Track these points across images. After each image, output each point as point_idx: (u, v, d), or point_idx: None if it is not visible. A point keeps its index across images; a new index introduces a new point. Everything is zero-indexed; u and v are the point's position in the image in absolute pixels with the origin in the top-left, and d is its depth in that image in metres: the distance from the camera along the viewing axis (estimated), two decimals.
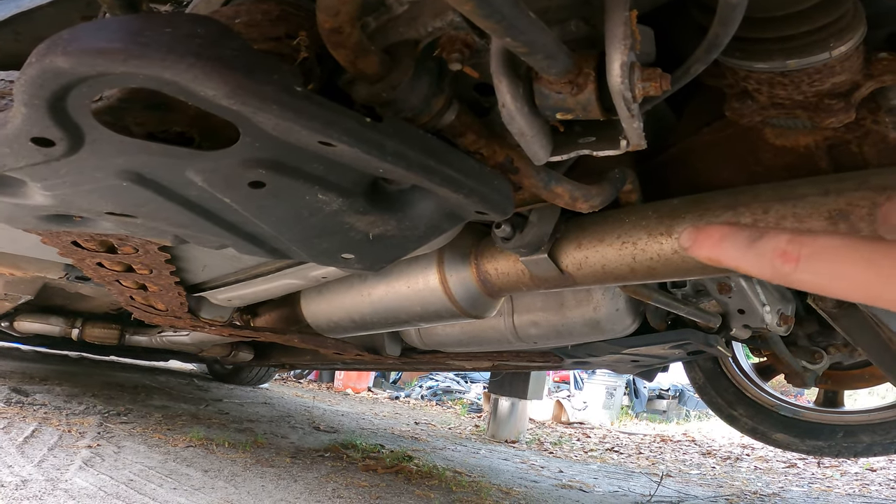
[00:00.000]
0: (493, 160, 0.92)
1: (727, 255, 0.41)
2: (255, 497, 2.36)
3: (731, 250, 0.41)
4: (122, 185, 0.79)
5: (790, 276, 0.38)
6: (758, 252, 0.40)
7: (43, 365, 5.38)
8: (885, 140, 1.01)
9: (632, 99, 0.69)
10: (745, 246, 0.40)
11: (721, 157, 1.19)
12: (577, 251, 1.26)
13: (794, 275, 0.38)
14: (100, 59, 0.53)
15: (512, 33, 0.57)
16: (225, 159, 0.74)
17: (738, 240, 0.41)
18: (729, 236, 0.41)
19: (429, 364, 2.94)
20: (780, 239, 0.39)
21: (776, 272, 0.39)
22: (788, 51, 0.82)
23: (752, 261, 0.40)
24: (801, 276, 0.38)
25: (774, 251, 0.39)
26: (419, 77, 0.75)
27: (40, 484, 2.11)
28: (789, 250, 0.38)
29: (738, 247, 0.41)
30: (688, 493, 3.73)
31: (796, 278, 0.38)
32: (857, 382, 2.59)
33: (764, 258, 0.39)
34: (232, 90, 0.55)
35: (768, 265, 0.39)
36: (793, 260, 0.38)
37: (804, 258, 0.37)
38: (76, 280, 2.21)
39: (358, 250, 1.05)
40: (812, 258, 0.37)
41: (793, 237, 0.39)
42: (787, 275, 0.38)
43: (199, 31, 0.55)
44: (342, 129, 0.64)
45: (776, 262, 0.39)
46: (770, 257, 0.39)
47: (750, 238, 0.40)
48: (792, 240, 0.38)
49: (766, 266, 0.39)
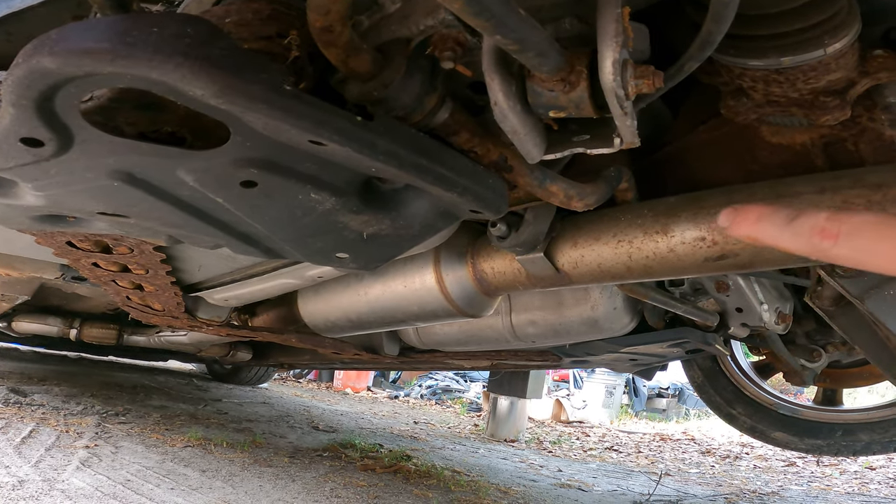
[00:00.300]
0: (487, 159, 0.91)
1: (766, 233, 0.43)
2: (253, 497, 2.36)
3: (769, 228, 0.43)
4: (114, 185, 0.78)
5: (829, 252, 0.40)
6: (796, 230, 0.42)
7: (42, 365, 5.38)
8: (881, 137, 1.00)
9: (624, 96, 0.68)
10: (784, 224, 0.42)
11: (717, 156, 1.19)
12: (573, 250, 1.26)
13: (832, 250, 0.40)
14: (86, 59, 0.53)
15: (502, 31, 0.57)
16: (216, 159, 0.73)
17: (776, 218, 0.43)
18: (767, 215, 0.43)
19: (427, 363, 2.94)
20: (818, 217, 0.41)
21: (815, 248, 0.41)
22: (783, 48, 0.82)
23: (790, 238, 0.42)
24: (839, 252, 0.40)
25: (813, 228, 0.41)
26: (411, 75, 0.75)
27: (37, 484, 2.11)
28: (828, 227, 0.40)
29: (776, 225, 0.43)
30: (687, 492, 3.73)
31: (835, 253, 0.40)
32: (855, 381, 2.59)
33: (802, 236, 0.41)
34: (220, 90, 0.55)
35: (806, 242, 0.41)
36: (832, 237, 0.40)
37: (843, 235, 0.39)
38: (72, 280, 2.21)
39: (352, 249, 1.05)
40: (851, 235, 0.39)
41: (831, 215, 0.40)
42: (826, 250, 0.40)
43: (187, 31, 0.55)
44: (332, 128, 0.64)
45: (815, 239, 0.40)
46: (809, 235, 0.41)
47: (788, 217, 0.42)
48: (831, 217, 0.40)
49: (805, 243, 0.41)
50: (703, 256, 1.09)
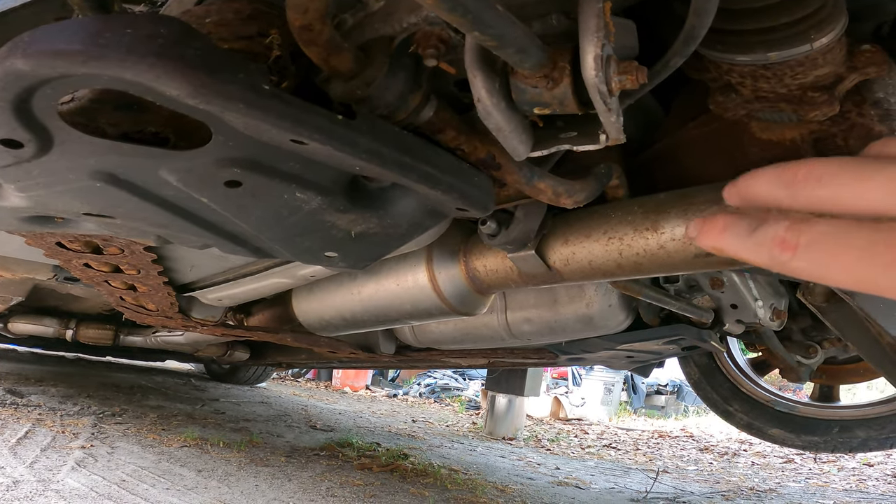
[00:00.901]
0: (474, 156, 0.91)
1: (729, 244, 0.40)
2: (249, 497, 2.36)
3: (732, 239, 0.40)
4: (97, 186, 0.78)
5: (787, 265, 0.37)
6: (757, 240, 0.38)
7: (39, 366, 5.37)
8: (870, 133, 1.00)
9: (607, 92, 0.68)
10: (746, 234, 0.39)
11: (708, 152, 1.18)
12: (564, 247, 1.25)
13: (791, 263, 0.36)
14: (59, 60, 0.52)
15: (479, 27, 0.56)
16: (198, 159, 0.73)
17: (739, 228, 0.39)
18: (731, 225, 0.40)
19: (424, 362, 2.94)
20: (779, 226, 0.37)
21: (774, 261, 0.37)
22: (769, 43, 0.81)
23: (751, 249, 0.39)
24: (797, 265, 0.36)
25: (773, 239, 0.37)
26: (394, 74, 0.74)
27: (31, 485, 2.10)
28: (787, 238, 0.36)
29: (739, 235, 0.39)
30: (684, 490, 3.73)
31: (793, 266, 0.36)
32: (852, 377, 2.58)
33: (763, 246, 0.38)
34: (195, 89, 0.54)
35: (767, 253, 0.38)
36: (791, 248, 0.36)
37: (802, 246, 0.36)
38: (65, 281, 2.21)
39: (341, 248, 1.04)
40: (810, 246, 0.36)
41: (792, 223, 0.37)
42: (785, 263, 0.37)
43: (160, 32, 0.54)
44: (313, 127, 0.64)
45: (774, 250, 0.37)
46: (769, 245, 0.37)
47: (750, 226, 0.39)
48: (790, 227, 0.37)
49: (765, 254, 0.38)
50: (692, 253, 1.09)
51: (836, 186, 0.37)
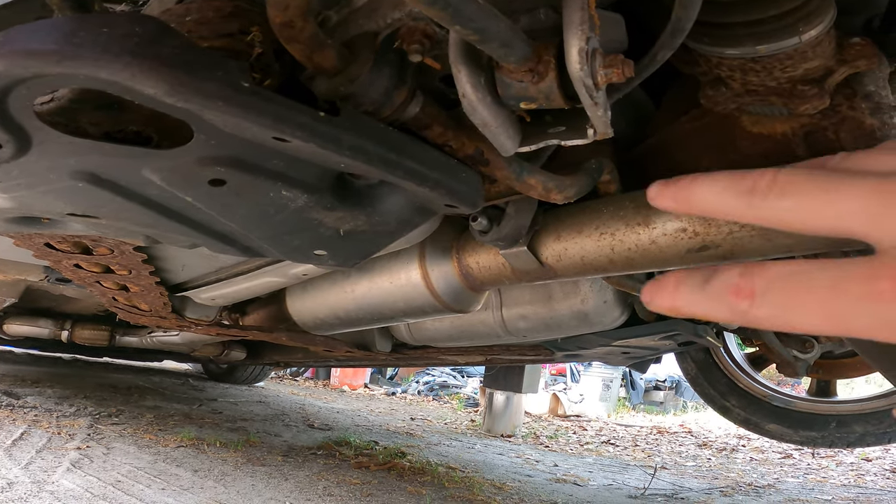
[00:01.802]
0: (462, 152, 0.90)
1: (684, 302, 0.36)
2: (245, 496, 2.35)
3: (686, 296, 0.36)
4: (79, 186, 0.77)
5: (749, 314, 0.33)
6: (711, 293, 0.35)
7: (35, 367, 5.36)
8: (861, 126, 0.99)
9: (593, 86, 0.67)
10: (699, 288, 0.36)
11: (699, 146, 1.17)
12: (556, 243, 1.25)
13: (751, 311, 0.33)
14: (32, 60, 0.52)
15: (459, 21, 0.55)
16: (181, 158, 0.72)
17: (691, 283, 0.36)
18: (683, 281, 0.37)
19: (420, 359, 2.93)
20: (731, 273, 0.34)
21: (734, 312, 0.34)
22: (758, 36, 0.81)
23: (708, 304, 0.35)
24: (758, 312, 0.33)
25: (728, 288, 0.34)
26: (379, 70, 0.74)
27: (26, 486, 2.09)
28: (742, 285, 0.33)
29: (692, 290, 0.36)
30: (682, 486, 3.73)
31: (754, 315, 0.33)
32: (848, 371, 2.58)
33: (719, 298, 0.35)
34: (172, 87, 0.53)
35: (725, 305, 0.34)
36: (747, 295, 0.33)
37: (759, 291, 0.33)
38: (57, 282, 2.20)
39: (330, 247, 1.04)
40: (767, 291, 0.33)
41: (744, 268, 0.34)
42: (745, 312, 0.33)
43: (136, 31, 0.53)
44: (294, 124, 0.63)
45: (731, 299, 0.34)
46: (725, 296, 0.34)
47: (703, 278, 0.36)
48: (743, 272, 0.34)
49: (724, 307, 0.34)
50: (685, 248, 1.08)
51: (801, 197, 0.34)
